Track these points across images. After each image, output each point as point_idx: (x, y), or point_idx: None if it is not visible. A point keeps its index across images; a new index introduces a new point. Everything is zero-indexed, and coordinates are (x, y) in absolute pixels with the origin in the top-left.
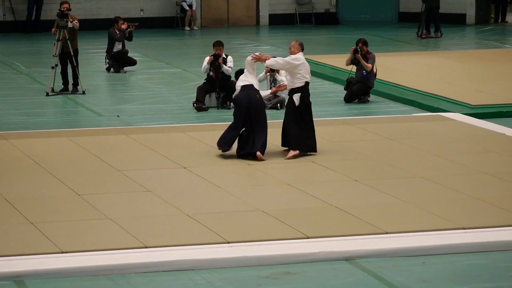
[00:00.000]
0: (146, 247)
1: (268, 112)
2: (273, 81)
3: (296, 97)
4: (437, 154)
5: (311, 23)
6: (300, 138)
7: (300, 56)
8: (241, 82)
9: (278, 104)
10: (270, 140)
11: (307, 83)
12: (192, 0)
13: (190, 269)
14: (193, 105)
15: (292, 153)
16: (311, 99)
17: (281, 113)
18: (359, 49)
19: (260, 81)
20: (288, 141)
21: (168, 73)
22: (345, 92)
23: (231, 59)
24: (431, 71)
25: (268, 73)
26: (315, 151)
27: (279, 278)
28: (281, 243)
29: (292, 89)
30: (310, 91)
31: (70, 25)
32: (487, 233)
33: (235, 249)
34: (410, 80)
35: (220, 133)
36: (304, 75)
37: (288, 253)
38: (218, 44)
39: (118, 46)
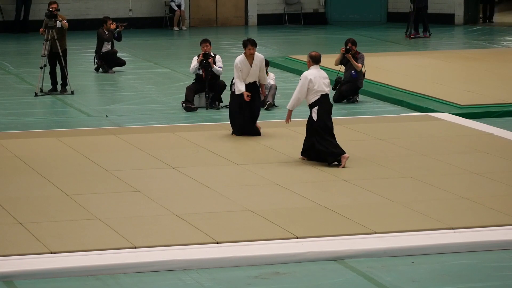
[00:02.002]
0: (135, 247)
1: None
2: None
3: (314, 112)
4: (426, 154)
5: (299, 23)
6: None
7: (307, 73)
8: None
9: (271, 99)
10: (259, 140)
11: (323, 96)
12: (180, 0)
13: (179, 269)
14: (182, 105)
15: (344, 159)
16: None
17: (271, 113)
18: (349, 49)
19: None
20: (324, 157)
21: (157, 73)
22: (334, 92)
23: (220, 59)
24: (419, 71)
25: None
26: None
27: (268, 278)
28: (270, 243)
29: (309, 104)
30: None
31: (59, 25)
32: (476, 233)
33: (224, 249)
34: (398, 80)
35: (208, 133)
36: (317, 89)
37: (277, 253)
38: (205, 41)
39: (107, 46)
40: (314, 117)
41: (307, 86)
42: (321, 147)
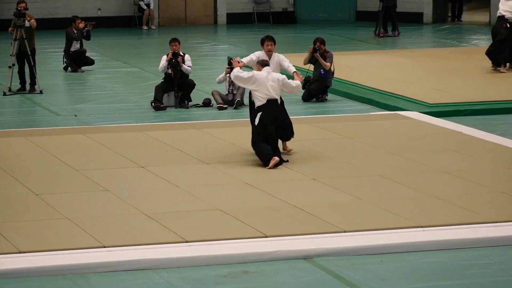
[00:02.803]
0: (105, 247)
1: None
2: (232, 82)
3: (257, 117)
4: (395, 152)
5: (269, 22)
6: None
7: (256, 72)
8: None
9: (240, 97)
10: (229, 139)
11: (269, 101)
12: None
13: (149, 269)
14: (151, 104)
15: (272, 160)
16: None
17: (240, 111)
18: (317, 48)
19: (220, 82)
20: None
21: (126, 72)
22: (303, 91)
23: (189, 58)
24: (388, 70)
25: (228, 75)
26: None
27: (237, 277)
28: (240, 242)
29: (255, 108)
30: None
31: (27, 24)
32: (445, 231)
33: (193, 248)
34: (367, 79)
35: (177, 132)
36: (262, 95)
37: (246, 252)
38: (174, 41)
39: (76, 45)
40: (256, 121)
41: (250, 83)
42: (255, 151)
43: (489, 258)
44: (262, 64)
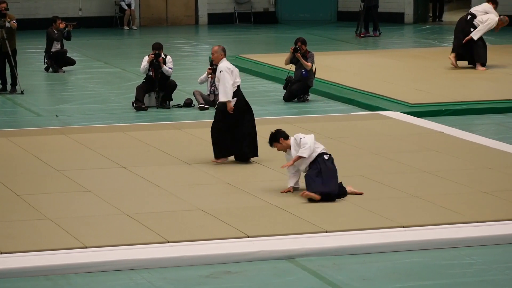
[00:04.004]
0: (86, 247)
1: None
2: (213, 82)
3: (232, 103)
4: (376, 152)
5: (250, 22)
6: (229, 145)
7: (227, 65)
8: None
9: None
10: (210, 139)
11: (238, 87)
12: None
13: (131, 269)
14: (133, 105)
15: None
16: (251, 98)
17: None
18: (298, 48)
19: (202, 82)
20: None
21: (107, 72)
22: (285, 91)
23: (171, 59)
24: (370, 70)
25: (210, 75)
26: (253, 156)
27: (219, 277)
28: (222, 242)
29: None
30: (250, 89)
31: (8, 24)
32: (427, 231)
33: (175, 249)
34: (349, 79)
35: (159, 132)
36: (234, 81)
37: (228, 252)
38: (158, 46)
39: (56, 46)
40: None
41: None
42: (213, 138)
43: (471, 258)
44: (225, 52)
